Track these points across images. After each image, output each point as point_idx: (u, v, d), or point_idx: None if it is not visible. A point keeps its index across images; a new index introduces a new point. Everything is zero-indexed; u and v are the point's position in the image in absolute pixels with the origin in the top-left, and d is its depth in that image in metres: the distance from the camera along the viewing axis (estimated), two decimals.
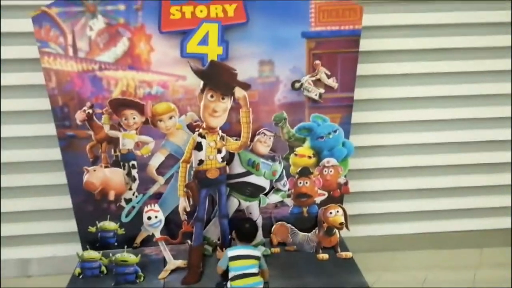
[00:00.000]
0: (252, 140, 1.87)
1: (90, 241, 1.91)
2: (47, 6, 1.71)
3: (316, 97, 1.90)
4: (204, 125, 1.77)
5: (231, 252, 1.70)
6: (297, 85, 1.89)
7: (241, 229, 1.78)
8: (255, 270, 1.67)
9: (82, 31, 1.75)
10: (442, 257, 2.21)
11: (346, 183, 2.02)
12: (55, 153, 1.88)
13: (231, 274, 1.67)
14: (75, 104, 1.80)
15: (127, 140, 1.87)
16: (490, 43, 2.12)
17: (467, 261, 2.16)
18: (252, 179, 1.91)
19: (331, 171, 1.98)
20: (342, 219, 1.94)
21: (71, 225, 1.96)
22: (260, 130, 1.90)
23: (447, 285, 1.92)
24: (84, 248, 1.89)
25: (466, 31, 2.11)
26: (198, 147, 1.76)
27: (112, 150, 1.90)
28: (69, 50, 1.76)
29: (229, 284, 1.66)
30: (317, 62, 1.87)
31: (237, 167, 1.91)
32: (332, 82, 1.90)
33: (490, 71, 2.16)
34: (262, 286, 1.67)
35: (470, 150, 2.24)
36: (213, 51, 1.78)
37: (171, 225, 1.92)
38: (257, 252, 1.72)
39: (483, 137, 2.23)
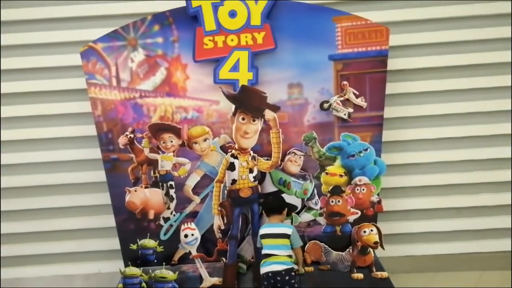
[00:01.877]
0: (283, 159, 1.93)
1: (132, 258, 2.01)
2: (93, 42, 1.89)
3: (345, 117, 1.94)
4: (236, 146, 1.85)
5: (262, 230, 1.77)
6: (325, 105, 1.94)
7: (266, 202, 1.84)
8: (284, 252, 1.70)
9: (125, 63, 1.91)
10: (484, 279, 2.11)
11: (379, 202, 2.01)
12: (100, 175, 2.01)
13: (262, 252, 1.73)
14: (118, 130, 1.94)
15: (165, 162, 1.97)
16: None
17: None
18: (284, 197, 1.94)
19: (363, 190, 1.99)
20: (377, 238, 1.92)
21: (115, 243, 2.06)
22: (290, 150, 1.95)
23: None
24: (126, 265, 1.99)
25: (493, 47, 2.10)
26: (231, 167, 1.84)
27: (152, 172, 1.99)
28: (113, 81, 1.92)
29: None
30: (345, 82, 1.92)
31: (269, 186, 1.96)
32: (360, 101, 1.93)
33: None
34: (290, 267, 1.68)
35: (507, 166, 2.18)
36: (243, 77, 1.87)
37: (207, 243, 1.99)
38: (287, 230, 1.74)
39: None
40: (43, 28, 2.11)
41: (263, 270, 1.70)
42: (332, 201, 2.00)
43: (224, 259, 1.89)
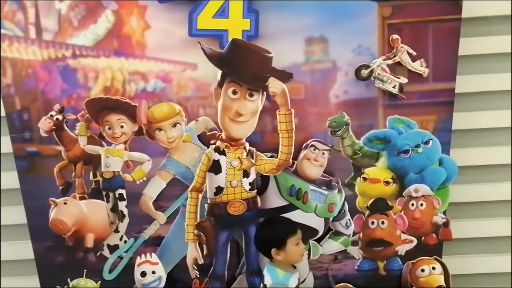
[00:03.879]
0: (296, 157, 1.91)
1: None
2: None
3: (395, 90, 1.94)
4: (223, 136, 1.84)
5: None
6: (365, 72, 1.93)
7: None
8: None
9: (49, 3, 1.89)
10: None
11: (446, 224, 2.02)
12: (11, 179, 2.02)
13: None
14: (38, 108, 1.94)
15: (112, 159, 1.95)
16: None
17: None
18: (296, 216, 1.92)
19: (421, 205, 2.00)
20: (442, 280, 1.96)
21: (33, 283, 2.07)
22: (308, 142, 1.94)
23: None
24: None
25: None
26: (215, 168, 1.83)
27: (91, 174, 2.00)
28: (31, 31, 1.91)
29: None
30: (396, 37, 1.91)
31: (274, 198, 1.94)
32: (419, 66, 1.93)
33: None
34: None
35: None
36: (236, 26, 1.86)
37: (177, 285, 1.99)
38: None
39: None
40: None
41: None
42: (373, 223, 2.01)
43: None
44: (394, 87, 1.94)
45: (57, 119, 1.92)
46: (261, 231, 1.82)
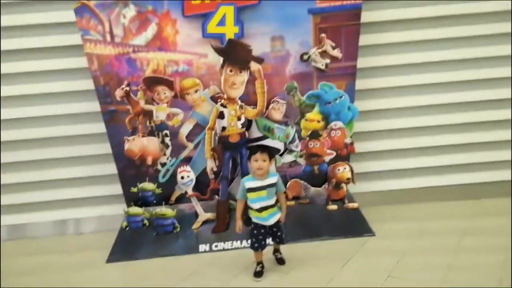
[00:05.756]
0: (267, 108, 2.07)
1: (133, 200, 2.18)
2: None
3: (323, 67, 2.07)
4: (225, 96, 1.98)
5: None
6: (305, 57, 2.05)
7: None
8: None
9: (117, 19, 1.96)
10: (439, 208, 2.32)
11: (352, 143, 2.20)
12: (100, 127, 2.11)
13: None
14: (114, 83, 2.02)
15: (160, 113, 2.09)
16: (492, 7, 2.19)
17: (464, 212, 2.27)
18: (268, 142, 2.12)
19: (338, 133, 2.17)
20: (349, 175, 2.16)
21: (115, 189, 2.21)
22: (274, 99, 2.08)
23: (442, 232, 2.04)
24: (129, 206, 2.16)
25: None
26: (221, 115, 1.98)
27: (148, 122, 2.10)
28: (107, 37, 1.97)
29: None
30: (323, 35, 2.03)
31: (255, 132, 2.12)
32: (336, 53, 2.06)
33: (487, 35, 2.24)
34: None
35: (467, 109, 2.35)
36: (230, 31, 1.96)
37: (200, 185, 2.15)
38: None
39: (482, 97, 2.32)
40: None
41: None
42: (311, 144, 2.18)
43: (217, 196, 2.08)
44: (322, 65, 2.05)
45: (126, 90, 2.00)
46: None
